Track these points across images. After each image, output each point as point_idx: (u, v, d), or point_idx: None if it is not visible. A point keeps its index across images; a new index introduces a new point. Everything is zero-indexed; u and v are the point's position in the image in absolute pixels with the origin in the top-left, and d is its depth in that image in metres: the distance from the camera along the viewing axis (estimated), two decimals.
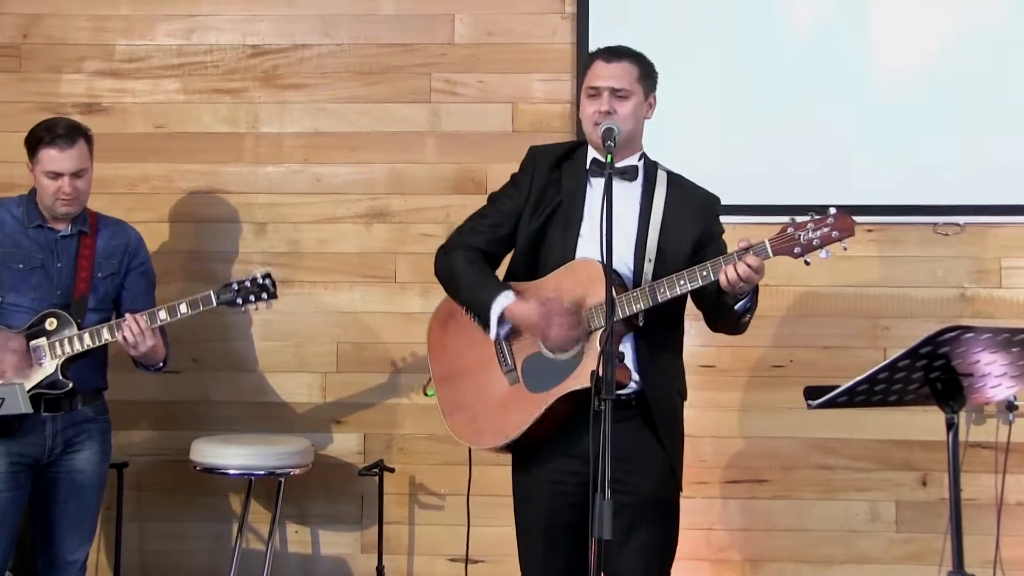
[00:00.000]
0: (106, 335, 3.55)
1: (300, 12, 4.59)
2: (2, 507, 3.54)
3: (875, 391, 2.68)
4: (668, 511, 3.12)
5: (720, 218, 3.26)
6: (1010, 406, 4.18)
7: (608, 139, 3.01)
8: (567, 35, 4.50)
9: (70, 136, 3.62)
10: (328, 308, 4.52)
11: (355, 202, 4.54)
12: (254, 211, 4.56)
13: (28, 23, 4.62)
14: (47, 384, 3.54)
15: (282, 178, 4.56)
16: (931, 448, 4.24)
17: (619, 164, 3.13)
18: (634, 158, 3.20)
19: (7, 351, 3.53)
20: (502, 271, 3.29)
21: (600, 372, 2.62)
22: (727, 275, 2.88)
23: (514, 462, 3.22)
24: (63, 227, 3.70)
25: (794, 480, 4.38)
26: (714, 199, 3.25)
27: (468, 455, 3.35)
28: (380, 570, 4.24)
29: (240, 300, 3.59)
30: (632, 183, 3.17)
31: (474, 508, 3.59)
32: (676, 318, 3.18)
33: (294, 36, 4.59)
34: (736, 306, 3.01)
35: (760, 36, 4.44)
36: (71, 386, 3.56)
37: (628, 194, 3.15)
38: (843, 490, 4.36)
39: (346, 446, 4.49)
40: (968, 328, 2.49)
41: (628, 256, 3.11)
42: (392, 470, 4.34)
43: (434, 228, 4.47)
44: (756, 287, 3.01)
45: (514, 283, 3.18)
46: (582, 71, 3.31)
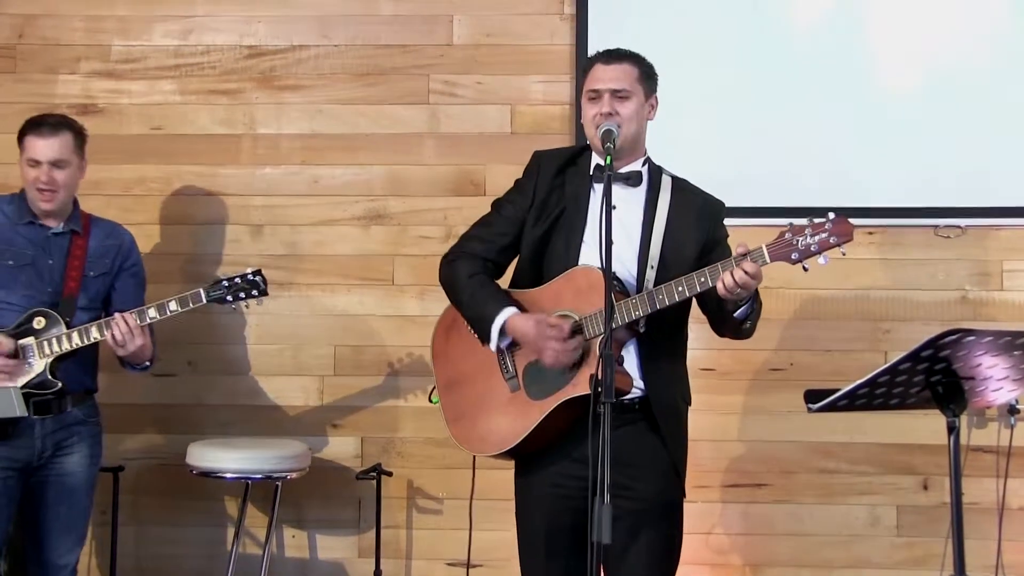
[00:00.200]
0: (95, 334, 3.51)
1: (297, 13, 4.57)
2: None
3: (876, 394, 2.68)
4: (672, 516, 3.11)
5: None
6: (1012, 410, 4.17)
7: (607, 141, 2.99)
8: (566, 36, 4.48)
9: (55, 126, 3.60)
10: (325, 311, 4.50)
11: (353, 204, 4.52)
12: (251, 213, 4.54)
13: (23, 23, 4.60)
14: (36, 384, 3.50)
15: (279, 180, 4.55)
16: (932, 452, 4.23)
17: (623, 169, 3.12)
18: (638, 163, 3.18)
19: None
20: (507, 277, 3.28)
21: (599, 376, 2.60)
22: (724, 282, 2.86)
23: (517, 466, 3.21)
24: (55, 224, 3.67)
25: (794, 484, 4.36)
26: (719, 204, 3.23)
27: (472, 461, 3.34)
28: (378, 574, 4.22)
29: (231, 297, 3.55)
30: (636, 188, 3.15)
31: (474, 512, 3.57)
32: (679, 324, 3.16)
33: (291, 37, 4.58)
34: (736, 313, 3.00)
35: (760, 39, 4.42)
36: (60, 387, 3.52)
37: (632, 199, 3.14)
38: (844, 494, 4.34)
39: (343, 450, 4.47)
40: (969, 331, 2.48)
41: (631, 262, 3.09)
42: (390, 474, 4.33)
43: (432, 230, 4.47)
44: (757, 293, 3.00)
45: (516, 291, 3.18)
46: (581, 73, 3.30)
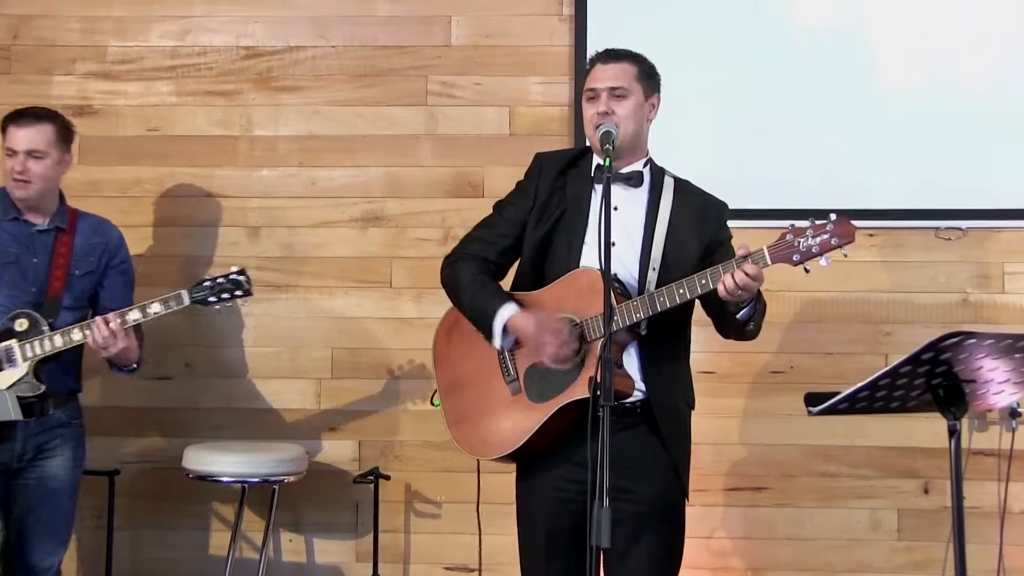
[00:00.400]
0: (77, 336, 3.47)
1: (294, 14, 4.56)
2: None
3: (876, 398, 2.66)
4: (673, 519, 3.09)
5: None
6: (1013, 413, 4.16)
7: (606, 142, 2.97)
8: (565, 37, 4.46)
9: (38, 117, 3.57)
10: (323, 313, 4.48)
11: (350, 206, 4.50)
12: (248, 215, 4.52)
13: (18, 24, 4.58)
14: (19, 387, 3.45)
15: (276, 181, 4.53)
16: (933, 455, 4.21)
17: (624, 170, 3.11)
18: (639, 164, 3.16)
19: None
20: (508, 279, 3.26)
21: (598, 379, 2.59)
22: (725, 284, 2.85)
23: (518, 469, 3.20)
24: (40, 220, 3.63)
25: (795, 488, 4.34)
26: (722, 206, 3.22)
27: (476, 465, 3.32)
28: None
29: (214, 298, 3.49)
30: (638, 189, 3.13)
31: (472, 516, 3.56)
32: (681, 326, 3.15)
33: (288, 38, 4.56)
34: (739, 314, 2.99)
35: (761, 40, 4.40)
36: (43, 389, 3.48)
37: (634, 201, 3.13)
38: (844, 498, 4.32)
39: (341, 453, 4.45)
40: (970, 334, 2.46)
41: (633, 264, 3.07)
42: (388, 477, 4.31)
43: (430, 232, 4.45)
44: (760, 294, 2.98)
45: (517, 293, 3.16)
46: (580, 73, 3.28)
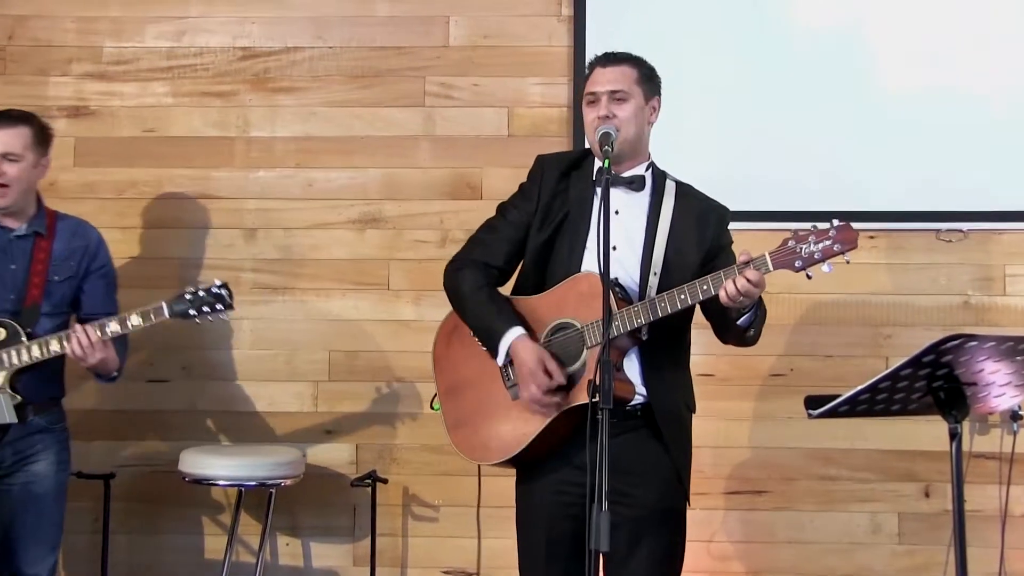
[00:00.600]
0: (55, 347, 3.42)
1: (292, 14, 4.54)
2: None
3: (877, 400, 2.65)
4: (673, 523, 3.08)
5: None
6: (1015, 416, 4.16)
7: (605, 144, 2.96)
8: (564, 38, 4.45)
9: (14, 119, 3.53)
10: (320, 316, 4.47)
11: (348, 207, 4.48)
12: (245, 217, 4.50)
13: (13, 24, 4.57)
14: None
15: (273, 183, 4.51)
16: (934, 459, 4.20)
17: (626, 173, 3.10)
18: (641, 167, 3.15)
19: None
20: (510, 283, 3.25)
21: (597, 382, 2.58)
22: (726, 289, 2.84)
23: (518, 473, 3.19)
24: (17, 226, 3.58)
25: (795, 491, 4.33)
26: (724, 210, 3.20)
27: (477, 469, 3.31)
28: None
29: (194, 311, 3.44)
30: (639, 193, 3.12)
31: (470, 520, 3.54)
32: (681, 330, 3.14)
33: (285, 38, 4.54)
34: (740, 320, 2.98)
35: (761, 42, 4.39)
36: (19, 400, 3.44)
37: (635, 205, 3.11)
38: (845, 501, 4.31)
39: (338, 456, 4.43)
40: (971, 336, 2.45)
41: (634, 268, 3.06)
42: (385, 481, 4.29)
43: (428, 234, 4.44)
44: (761, 300, 2.97)
45: (519, 298, 3.15)
46: (579, 74, 3.26)
